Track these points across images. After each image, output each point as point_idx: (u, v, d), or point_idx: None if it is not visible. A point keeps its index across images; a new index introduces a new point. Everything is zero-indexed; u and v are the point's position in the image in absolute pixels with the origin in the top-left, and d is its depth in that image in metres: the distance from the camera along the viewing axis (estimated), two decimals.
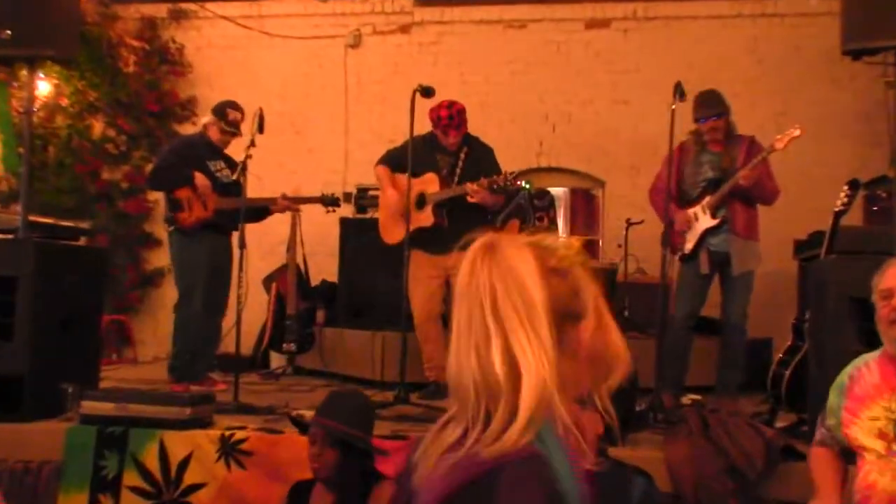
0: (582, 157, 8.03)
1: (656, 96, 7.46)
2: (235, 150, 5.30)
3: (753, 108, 7.55)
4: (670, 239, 5.11)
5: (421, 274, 5.21)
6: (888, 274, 2.58)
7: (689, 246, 5.06)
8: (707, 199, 5.00)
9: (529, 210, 6.59)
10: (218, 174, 5.44)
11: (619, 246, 7.06)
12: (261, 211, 5.50)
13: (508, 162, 7.64)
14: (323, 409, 2.99)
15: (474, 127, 5.50)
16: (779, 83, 7.71)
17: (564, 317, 1.28)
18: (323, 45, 8.35)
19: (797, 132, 4.76)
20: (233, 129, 5.47)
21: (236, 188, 5.22)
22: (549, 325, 1.24)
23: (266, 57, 8.38)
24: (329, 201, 5.66)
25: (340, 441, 2.88)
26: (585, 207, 8.49)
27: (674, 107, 4.61)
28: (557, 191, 8.25)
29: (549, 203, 6.76)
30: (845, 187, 4.34)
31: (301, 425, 3.23)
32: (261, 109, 4.92)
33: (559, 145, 8.05)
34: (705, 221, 4.99)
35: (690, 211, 5.06)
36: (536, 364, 1.21)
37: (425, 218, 5.17)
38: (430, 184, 5.20)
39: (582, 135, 7.99)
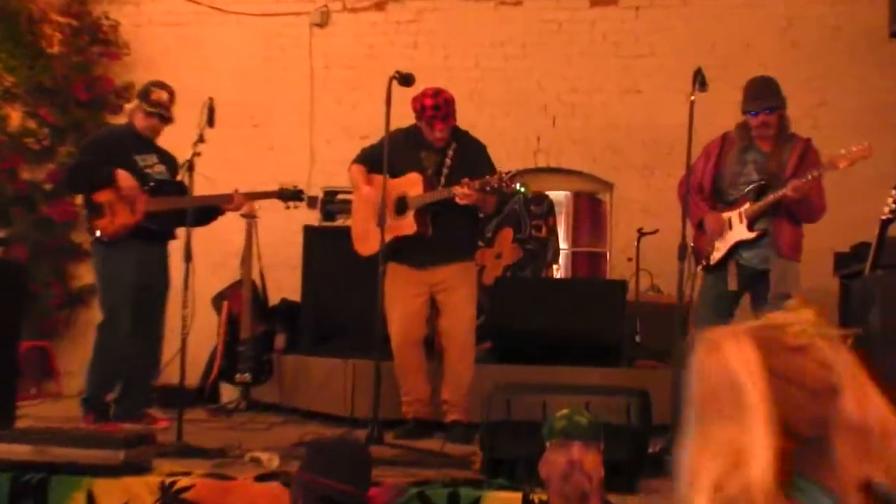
0: (586, 156, 8.06)
1: (673, 85, 7.54)
2: (181, 145, 5.25)
3: (786, 99, 7.63)
4: (696, 243, 5.12)
5: (400, 291, 5.22)
6: None
7: (716, 255, 5.06)
8: (746, 205, 5.00)
9: (525, 217, 6.63)
10: (148, 171, 5.39)
11: (630, 260, 7.09)
12: (209, 212, 5.45)
13: (501, 161, 7.59)
14: (309, 463, 2.94)
15: (461, 120, 5.52)
16: (816, 69, 7.77)
17: (819, 393, 1.37)
18: (285, 24, 8.36)
19: (867, 152, 4.77)
20: (158, 112, 5.41)
21: (174, 187, 5.18)
22: (766, 420, 1.32)
23: (218, 37, 8.38)
24: (289, 195, 5.66)
25: (329, 500, 2.83)
26: (590, 214, 8.51)
27: (693, 97, 4.63)
28: (558, 195, 8.29)
29: (548, 209, 6.81)
30: (894, 191, 4.35)
31: (265, 476, 3.18)
32: (211, 100, 4.91)
33: (560, 141, 8.08)
34: (740, 232, 4.99)
35: (725, 215, 5.07)
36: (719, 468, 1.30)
37: (406, 225, 5.18)
38: (412, 185, 5.21)
39: (587, 129, 8.02)
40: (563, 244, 8.18)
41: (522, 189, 5.44)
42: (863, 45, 7.60)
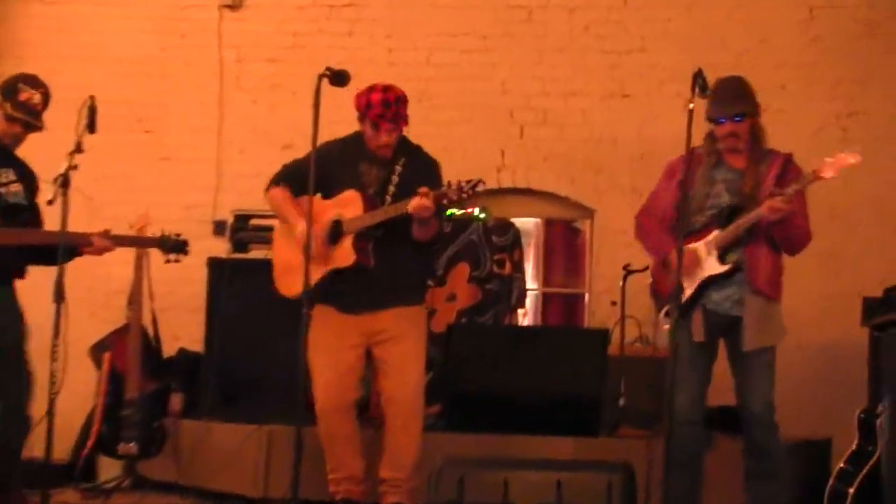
0: (562, 175, 8.12)
1: (670, 88, 7.74)
2: (53, 155, 5.13)
3: (808, 107, 7.86)
4: (657, 285, 5.23)
5: (330, 341, 5.22)
6: None
7: (688, 292, 5.08)
8: (715, 233, 5.04)
9: (485, 250, 6.63)
10: (1, 189, 5.25)
11: (614, 303, 7.09)
12: (66, 251, 5.09)
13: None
14: None
15: (409, 126, 5.55)
16: (845, 71, 7.94)
17: None
18: (187, 5, 8.38)
19: (854, 158, 4.84)
20: (26, 117, 5.25)
21: (29, 213, 5.12)
22: None
23: (103, 22, 8.37)
24: (170, 246, 5.56)
25: None
26: (566, 247, 8.57)
27: (692, 106, 4.70)
28: (526, 222, 8.34)
29: (513, 240, 6.81)
30: None
31: None
32: (92, 99, 4.86)
33: (529, 156, 8.14)
34: (709, 266, 5.03)
35: (692, 246, 5.09)
36: None
37: (342, 255, 5.18)
38: (349, 205, 5.22)
39: (562, 142, 8.10)
40: (532, 283, 8.21)
41: (482, 215, 5.40)
42: None
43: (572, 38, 8.16)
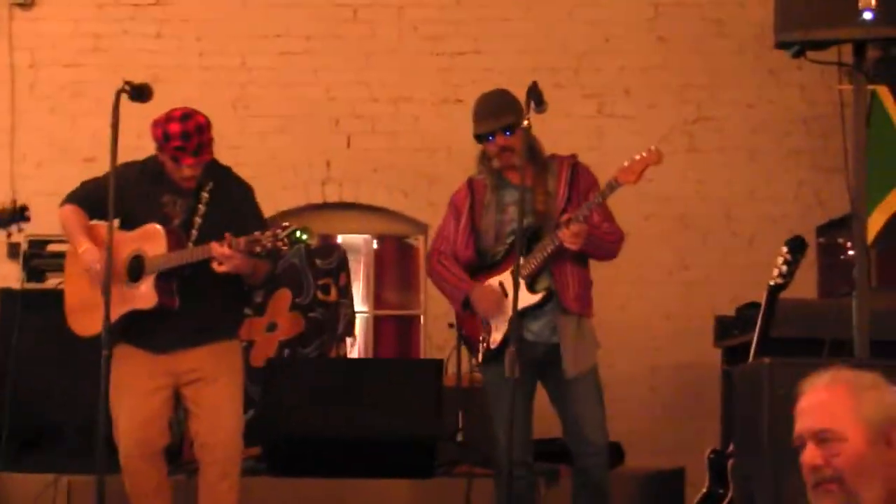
0: (393, 187, 8.16)
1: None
2: None
3: (653, 113, 8.04)
4: (466, 330, 5.32)
5: (134, 382, 5.11)
6: (800, 408, 2.58)
7: (497, 336, 5.14)
8: (521, 260, 5.04)
9: (307, 275, 6.59)
10: None
11: (451, 326, 7.08)
12: None
13: (274, 196, 7.65)
14: None
15: (223, 137, 5.47)
16: (692, 75, 8.13)
17: None
18: None
19: (655, 156, 5.00)
20: None
21: None
22: None
23: None
24: (8, 218, 5.37)
25: None
26: (399, 265, 8.66)
27: (527, 121, 4.74)
28: (355, 240, 8.44)
29: (339, 263, 6.80)
30: (784, 249, 4.55)
31: None
32: None
33: (357, 168, 8.14)
34: (525, 298, 5.03)
35: (495, 280, 5.17)
36: None
37: (143, 296, 5.08)
38: (151, 241, 5.11)
39: (393, 152, 8.13)
40: (363, 305, 8.24)
41: (304, 236, 5.31)
42: (753, 46, 7.97)
43: (401, 39, 8.17)
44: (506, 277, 5.09)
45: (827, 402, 2.51)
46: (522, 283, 5.01)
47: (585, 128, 7.97)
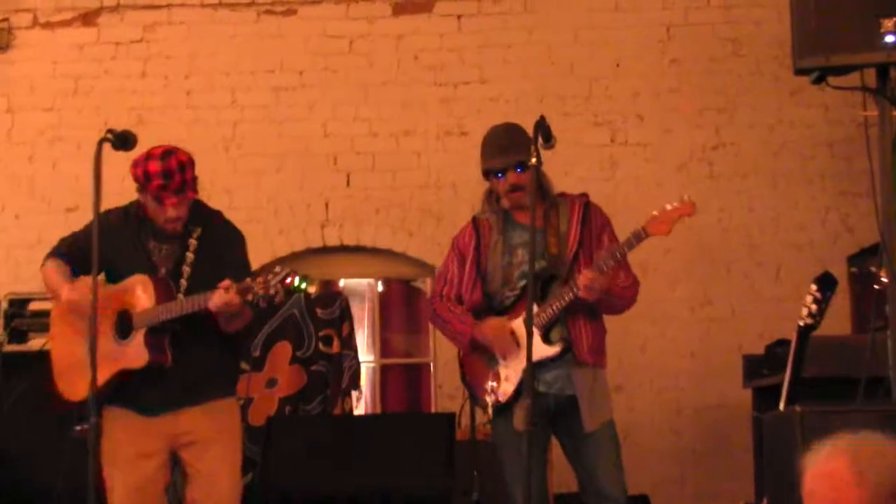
0: (397, 228, 8.12)
1: (514, 121, 7.76)
2: None
3: (669, 139, 8.04)
4: (470, 376, 5.27)
5: (125, 449, 5.07)
6: (805, 491, 2.62)
7: (507, 390, 5.09)
8: (534, 307, 4.86)
9: (308, 325, 6.55)
10: None
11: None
12: None
13: (273, 241, 7.68)
14: None
15: (214, 180, 5.44)
16: (707, 98, 8.11)
17: None
18: None
19: (689, 208, 4.89)
20: None
21: None
22: None
23: None
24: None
25: None
26: (405, 310, 8.60)
27: (534, 159, 4.62)
28: (358, 284, 8.37)
29: (342, 312, 6.78)
30: (813, 287, 4.49)
31: None
32: None
33: (358, 208, 8.11)
34: (539, 350, 4.92)
35: (511, 325, 5.12)
36: None
37: (134, 354, 5.02)
38: (138, 293, 5.07)
39: (395, 190, 8.11)
40: (368, 355, 8.20)
41: (303, 285, 5.23)
42: (771, 66, 8.00)
43: (400, 69, 8.18)
44: (517, 325, 5.05)
45: (829, 479, 2.54)
46: (536, 332, 4.91)
47: (597, 157, 7.97)
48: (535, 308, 4.91)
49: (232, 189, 7.65)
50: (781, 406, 4.39)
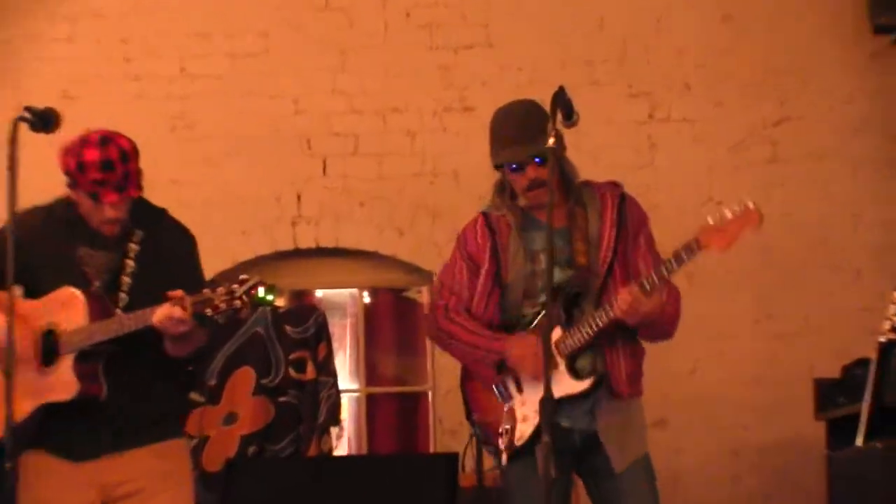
0: (385, 226, 8.15)
1: (528, 95, 7.58)
2: None
3: (722, 113, 8.07)
4: (478, 412, 5.23)
5: (51, 498, 5.06)
6: None
7: (524, 431, 5.07)
8: (557, 332, 5.00)
9: (275, 346, 6.61)
10: None
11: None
12: None
13: (232, 244, 7.73)
14: None
15: (159, 169, 5.44)
16: (770, 63, 8.12)
17: None
18: None
19: (753, 217, 4.78)
20: None
21: None
22: None
23: None
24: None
25: None
26: (397, 327, 8.63)
27: (552, 140, 4.61)
28: (338, 296, 8.42)
29: (317, 328, 6.81)
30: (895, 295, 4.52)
31: None
32: None
33: (337, 201, 8.15)
34: (562, 382, 4.96)
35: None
36: None
37: (60, 383, 4.99)
38: (66, 309, 5.03)
39: (383, 179, 8.14)
40: (351, 383, 8.21)
41: (269, 296, 5.23)
42: (847, 24, 7.96)
43: (389, 30, 8.20)
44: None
45: None
46: (561, 362, 4.96)
47: (633, 137, 8.01)
48: (559, 332, 4.95)
49: (179, 180, 7.72)
50: (859, 441, 4.40)
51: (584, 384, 5.01)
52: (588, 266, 5.08)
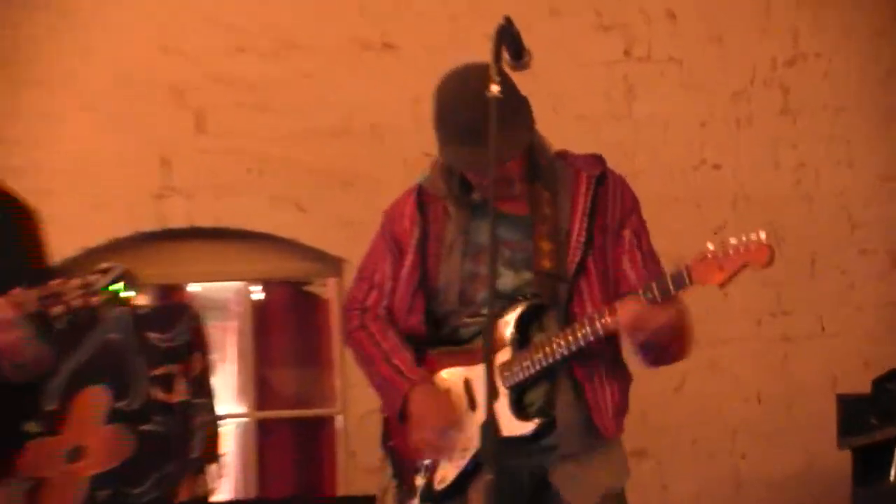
0: (281, 198, 8.11)
1: (464, 33, 7.82)
2: None
3: (718, 52, 8.07)
4: (396, 441, 5.08)
5: None
6: None
7: (446, 473, 4.97)
8: (506, 353, 4.90)
9: (134, 358, 6.62)
10: None
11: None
12: None
13: (81, 224, 7.80)
14: None
15: None
16: (812, 24, 8.09)
17: None
18: None
19: (763, 254, 4.51)
20: None
21: None
22: None
23: None
24: None
25: None
26: (297, 330, 8.66)
27: (496, 88, 4.41)
28: (221, 290, 8.50)
29: (191, 335, 6.78)
30: None
31: None
32: None
33: (217, 168, 8.11)
34: (506, 422, 4.80)
35: (457, 374, 5.01)
36: None
37: None
38: None
39: (278, 140, 8.11)
40: (237, 405, 8.30)
41: (118, 287, 5.16)
42: None
43: None
44: (478, 373, 4.89)
45: None
46: (504, 394, 4.83)
47: (604, 82, 7.95)
48: (508, 355, 4.83)
49: (14, 141, 7.71)
50: (893, 475, 4.38)
51: (528, 426, 4.88)
52: (555, 268, 4.90)
